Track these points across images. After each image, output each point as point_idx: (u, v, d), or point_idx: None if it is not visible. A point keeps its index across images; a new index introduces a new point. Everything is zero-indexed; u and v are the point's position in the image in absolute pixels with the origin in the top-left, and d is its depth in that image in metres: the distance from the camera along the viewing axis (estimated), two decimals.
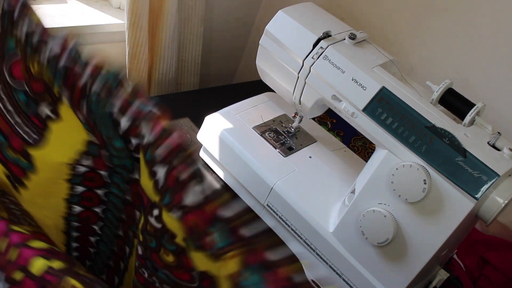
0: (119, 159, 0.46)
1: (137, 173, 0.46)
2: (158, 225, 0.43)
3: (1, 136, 0.48)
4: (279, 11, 0.73)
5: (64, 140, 0.48)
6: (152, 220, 0.44)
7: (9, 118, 0.48)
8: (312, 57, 0.69)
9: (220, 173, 0.86)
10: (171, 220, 0.41)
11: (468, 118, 0.60)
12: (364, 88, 0.64)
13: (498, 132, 0.60)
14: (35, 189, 0.51)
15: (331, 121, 1.07)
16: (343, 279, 0.70)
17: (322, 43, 0.68)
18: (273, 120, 0.88)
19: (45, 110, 0.47)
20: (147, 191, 0.44)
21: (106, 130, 0.43)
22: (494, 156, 0.57)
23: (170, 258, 0.44)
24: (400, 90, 0.63)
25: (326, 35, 0.69)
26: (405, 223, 0.62)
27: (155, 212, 0.43)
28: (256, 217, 0.38)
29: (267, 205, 0.77)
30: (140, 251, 0.48)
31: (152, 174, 0.41)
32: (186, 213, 0.41)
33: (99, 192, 0.51)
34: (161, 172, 0.40)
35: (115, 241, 0.54)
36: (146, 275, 0.48)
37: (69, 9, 1.01)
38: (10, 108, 0.48)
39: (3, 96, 0.48)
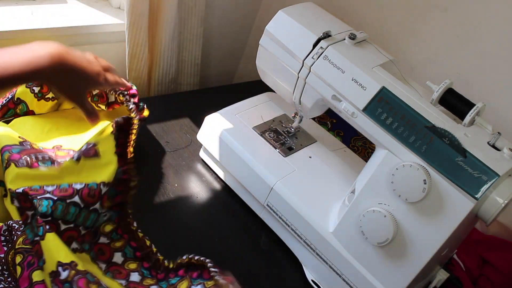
0: None
1: None
2: None
3: None
4: (279, 11, 0.73)
5: None
6: None
7: None
8: (312, 57, 0.69)
9: (220, 173, 0.86)
10: None
11: (468, 118, 0.60)
12: (364, 88, 0.64)
13: (498, 132, 0.60)
14: None
15: (331, 121, 1.07)
16: (343, 279, 0.70)
17: (322, 43, 0.68)
18: (273, 120, 0.88)
19: None
20: None
21: None
22: (494, 156, 0.57)
23: None
24: (400, 90, 0.63)
25: (326, 35, 0.69)
26: (405, 223, 0.62)
27: None
28: None
29: (267, 205, 0.77)
30: None
31: None
32: None
33: None
34: None
35: None
36: None
37: (69, 9, 1.01)
38: None
39: None
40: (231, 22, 1.32)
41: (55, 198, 0.62)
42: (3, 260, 0.62)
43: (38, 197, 0.61)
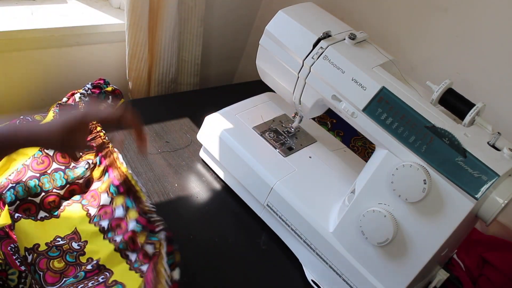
0: None
1: None
2: None
3: None
4: (279, 11, 0.73)
5: None
6: None
7: None
8: (312, 57, 0.69)
9: (220, 173, 0.86)
10: None
11: (468, 118, 0.60)
12: (364, 88, 0.64)
13: (498, 132, 0.60)
14: None
15: (331, 121, 1.07)
16: (343, 279, 0.70)
17: (322, 43, 0.68)
18: (273, 120, 0.88)
19: None
20: None
21: None
22: (494, 156, 0.57)
23: None
24: (400, 90, 0.63)
25: (326, 35, 0.69)
26: (405, 223, 0.62)
27: None
28: None
29: (267, 205, 0.77)
30: None
31: None
32: None
33: None
34: None
35: None
36: None
37: (69, 9, 1.01)
38: None
39: None
40: (231, 22, 1.32)
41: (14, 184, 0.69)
42: None
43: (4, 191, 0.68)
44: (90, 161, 0.76)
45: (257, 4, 1.33)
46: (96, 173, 0.75)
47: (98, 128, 0.80)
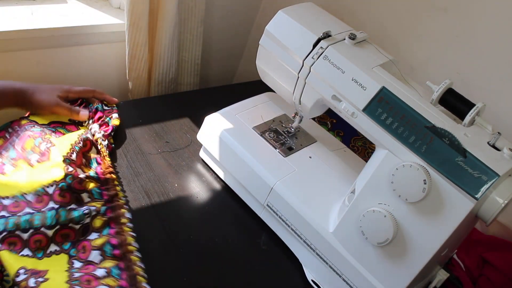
0: None
1: None
2: None
3: None
4: (279, 11, 0.73)
5: None
6: None
7: None
8: (312, 57, 0.69)
9: (220, 173, 0.86)
10: None
11: (468, 118, 0.60)
12: (364, 88, 0.64)
13: (498, 132, 0.60)
14: None
15: (331, 121, 1.07)
16: (343, 279, 0.70)
17: (322, 43, 0.68)
18: (273, 120, 0.88)
19: None
20: None
21: None
22: (494, 156, 0.57)
23: None
24: (400, 90, 0.63)
25: (326, 35, 0.69)
26: (405, 223, 0.62)
27: None
28: None
29: (267, 205, 0.77)
30: None
31: None
32: None
33: None
34: None
35: None
36: None
37: (69, 9, 1.01)
38: None
39: None
40: (231, 22, 1.32)
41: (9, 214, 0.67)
42: None
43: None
44: (93, 208, 0.70)
45: (257, 4, 1.34)
46: (98, 222, 0.70)
47: (116, 182, 0.77)
